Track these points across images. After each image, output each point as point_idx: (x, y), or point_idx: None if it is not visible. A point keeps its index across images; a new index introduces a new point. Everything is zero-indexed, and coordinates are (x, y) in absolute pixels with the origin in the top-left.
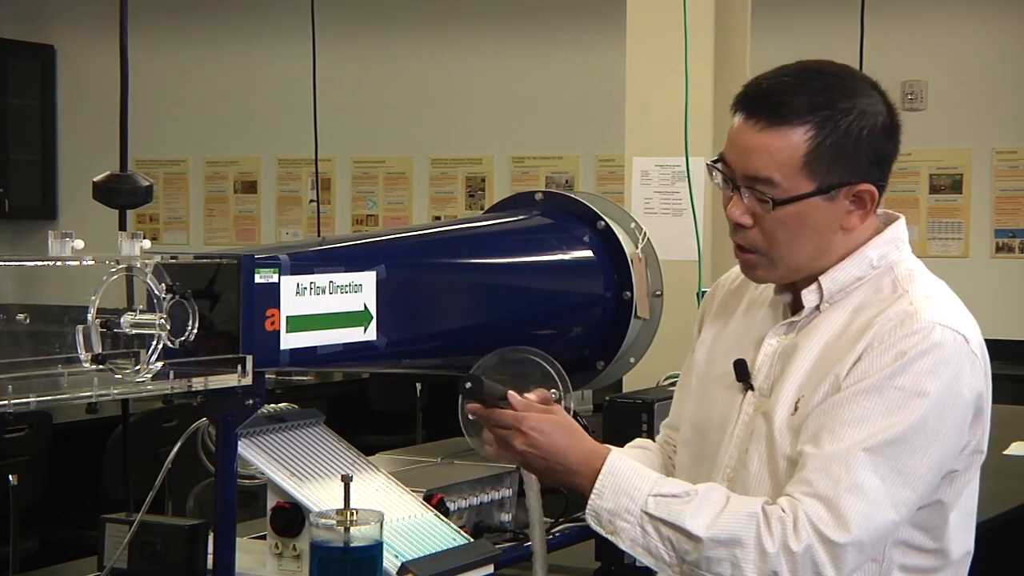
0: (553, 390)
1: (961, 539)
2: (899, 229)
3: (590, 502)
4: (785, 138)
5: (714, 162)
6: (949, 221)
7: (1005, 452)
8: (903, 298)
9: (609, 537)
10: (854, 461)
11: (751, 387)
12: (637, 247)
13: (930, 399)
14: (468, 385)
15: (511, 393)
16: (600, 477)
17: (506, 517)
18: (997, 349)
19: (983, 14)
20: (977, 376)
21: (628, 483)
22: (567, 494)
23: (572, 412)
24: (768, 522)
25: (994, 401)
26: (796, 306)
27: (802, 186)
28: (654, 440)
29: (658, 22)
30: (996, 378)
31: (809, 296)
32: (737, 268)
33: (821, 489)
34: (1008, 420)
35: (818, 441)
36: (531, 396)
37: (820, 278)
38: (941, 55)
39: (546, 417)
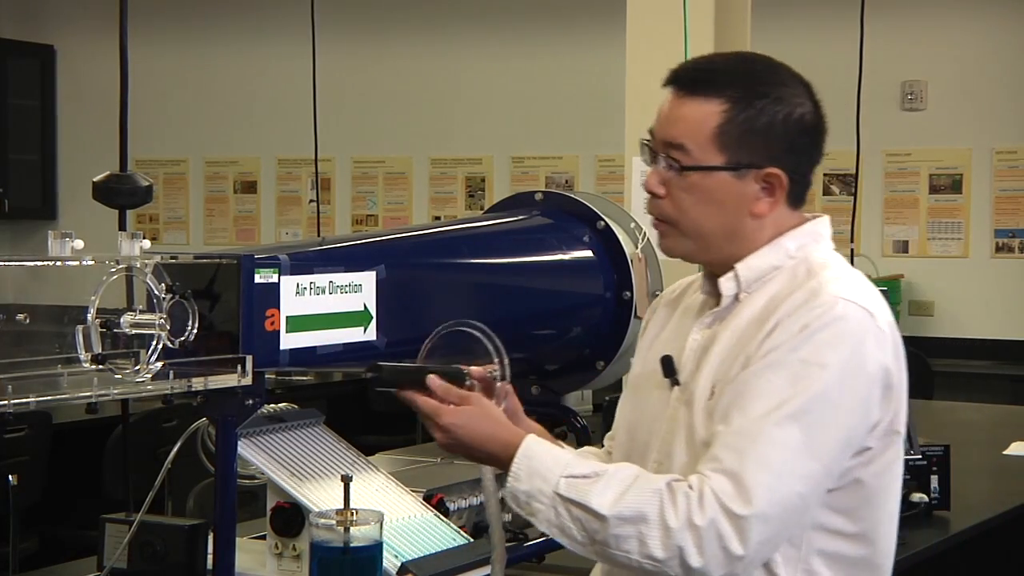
0: (492, 367)
1: (887, 529)
2: (820, 224)
3: (508, 485)
4: (700, 108)
5: (647, 140)
6: (949, 221)
7: (1005, 452)
8: (813, 279)
9: (529, 519)
10: (758, 434)
11: (677, 382)
12: (637, 247)
13: (831, 370)
14: (369, 374)
15: (430, 378)
16: (516, 460)
17: (506, 517)
18: (997, 349)
19: (983, 14)
20: (884, 351)
21: (542, 465)
22: None
23: (506, 380)
24: (673, 497)
25: (994, 402)
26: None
27: (711, 158)
28: None
29: (658, 22)
30: (994, 378)
31: (726, 284)
32: (680, 281)
33: (727, 464)
34: (1008, 420)
35: (728, 418)
36: (476, 370)
37: (736, 266)
38: (941, 55)
39: (462, 411)
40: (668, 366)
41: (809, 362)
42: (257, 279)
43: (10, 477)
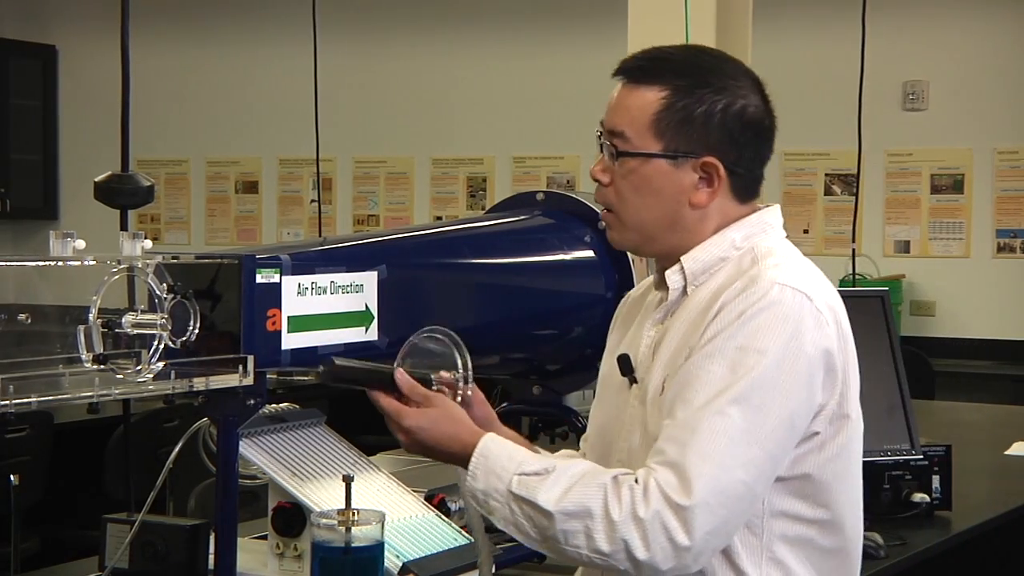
0: (453, 372)
1: (851, 513)
2: (767, 214)
3: (466, 484)
4: (641, 96)
5: (597, 131)
6: (950, 221)
7: (1006, 452)
8: (754, 267)
9: (489, 517)
10: (699, 424)
11: (635, 380)
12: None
13: (769, 355)
14: (320, 368)
15: (398, 373)
16: (473, 459)
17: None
18: (998, 349)
19: (984, 15)
20: (824, 334)
21: (497, 464)
22: None
23: (469, 384)
24: (618, 491)
25: (995, 402)
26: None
27: (648, 144)
28: None
29: (659, 23)
30: (995, 378)
31: (672, 277)
32: (644, 280)
33: (671, 455)
34: (1009, 420)
35: (672, 411)
36: (443, 375)
37: (682, 258)
38: (942, 55)
39: (424, 413)
40: (625, 364)
41: (746, 348)
42: (258, 279)
43: (11, 477)
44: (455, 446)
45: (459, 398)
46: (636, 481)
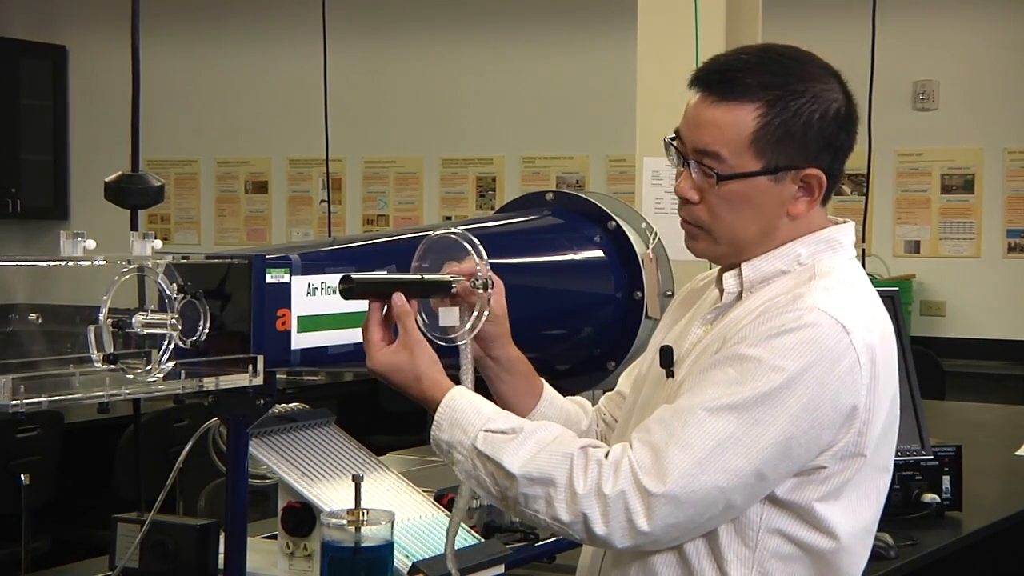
0: (474, 274)
1: (855, 548)
2: (840, 231)
3: (431, 433)
4: (734, 114)
5: (671, 139)
6: (961, 221)
7: (1017, 452)
8: (806, 285)
9: (451, 467)
10: (692, 418)
11: (672, 374)
12: (648, 247)
13: (785, 375)
14: (342, 286)
15: (395, 296)
16: (439, 410)
17: (516, 517)
18: (1009, 349)
19: (995, 14)
20: (852, 377)
21: (464, 417)
22: None
23: (490, 282)
24: (585, 463)
25: (1006, 402)
26: None
27: (749, 164)
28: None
29: (669, 22)
30: (1006, 379)
31: (729, 281)
32: (711, 272)
33: (655, 437)
34: (1020, 420)
35: (675, 400)
36: (461, 267)
37: (743, 264)
38: (953, 55)
39: (393, 361)
40: (666, 357)
41: (764, 361)
42: (268, 279)
43: (22, 476)
44: (418, 396)
45: (479, 286)
46: (607, 456)
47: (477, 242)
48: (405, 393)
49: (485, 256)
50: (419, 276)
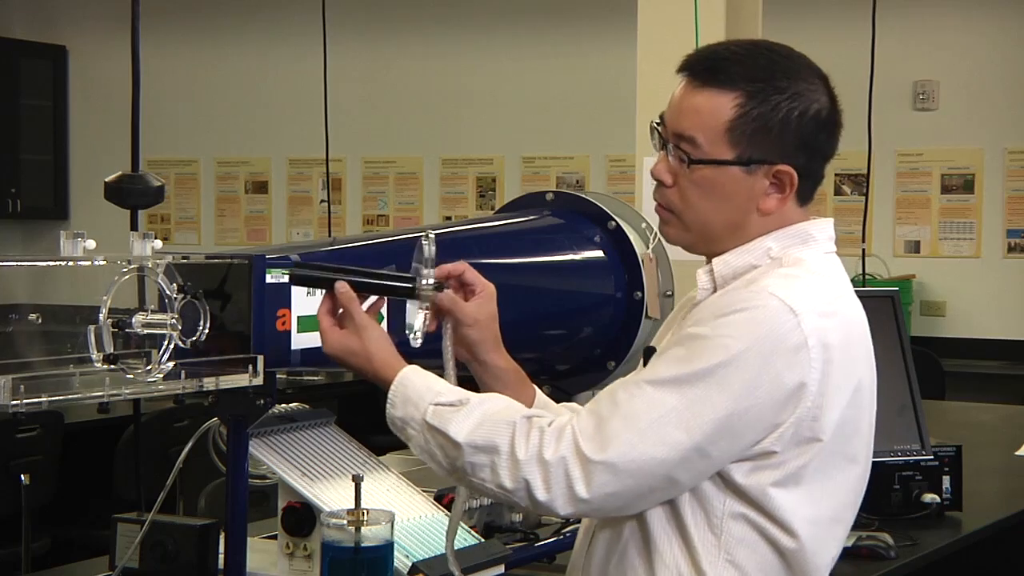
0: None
1: (818, 538)
2: (814, 226)
3: (386, 411)
4: (714, 101)
5: (656, 123)
6: (961, 221)
7: (1017, 452)
8: (767, 273)
9: (407, 443)
10: (638, 391)
11: None
12: (648, 247)
13: (728, 353)
14: (285, 274)
15: (337, 285)
16: (392, 388)
17: (517, 517)
18: (1009, 349)
19: (995, 15)
20: (799, 359)
21: (415, 393)
22: None
23: (441, 285)
24: (528, 431)
25: (1006, 402)
26: None
27: (722, 152)
28: None
29: (669, 22)
30: (1006, 379)
31: (702, 277)
32: None
33: (601, 407)
34: (1020, 420)
35: (628, 375)
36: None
37: (714, 261)
38: (953, 55)
39: (345, 344)
40: (648, 356)
41: (710, 339)
42: (268, 279)
43: (22, 476)
44: (373, 377)
45: (428, 288)
46: (550, 424)
47: (425, 245)
48: (363, 376)
49: (428, 259)
50: (367, 269)
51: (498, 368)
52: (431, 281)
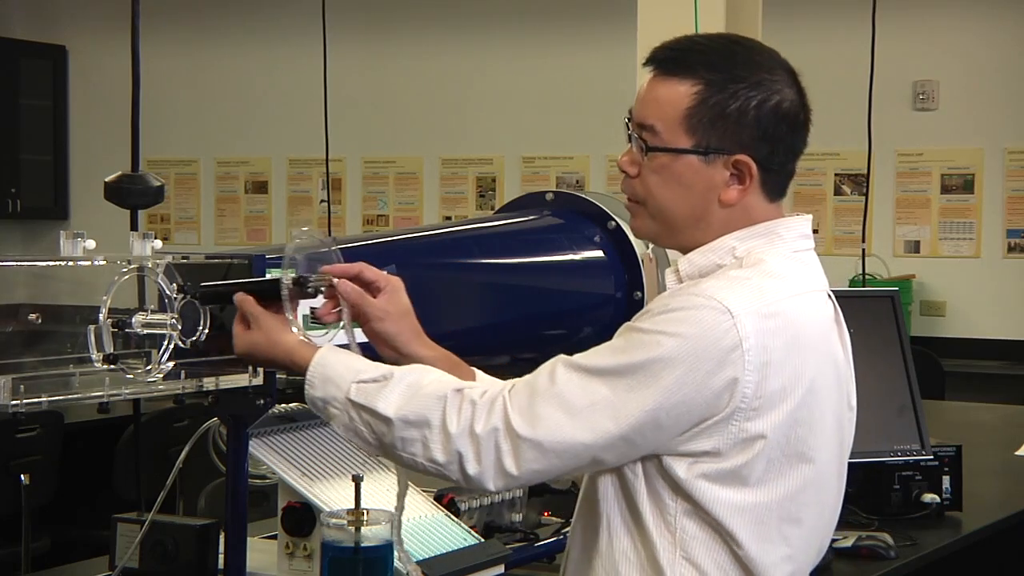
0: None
1: (767, 539)
2: (781, 224)
3: (305, 393)
4: (673, 89)
5: (627, 118)
6: (961, 221)
7: (1017, 452)
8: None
9: (329, 423)
10: (574, 375)
11: None
12: (648, 247)
13: (661, 348)
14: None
15: (236, 297)
16: (311, 368)
17: (517, 517)
18: (1009, 349)
19: (994, 14)
20: (731, 358)
21: (335, 373)
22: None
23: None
24: (459, 404)
25: (1006, 402)
26: None
27: (680, 140)
28: None
29: (668, 22)
30: (1006, 378)
31: (669, 278)
32: None
33: (538, 382)
34: (1020, 420)
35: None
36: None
37: (679, 260)
38: (952, 55)
39: (248, 336)
40: None
41: (647, 334)
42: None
43: (22, 476)
44: (284, 361)
45: (309, 289)
46: (482, 395)
47: (288, 249)
48: (275, 367)
49: (289, 258)
50: (254, 279)
51: (424, 358)
52: (309, 284)
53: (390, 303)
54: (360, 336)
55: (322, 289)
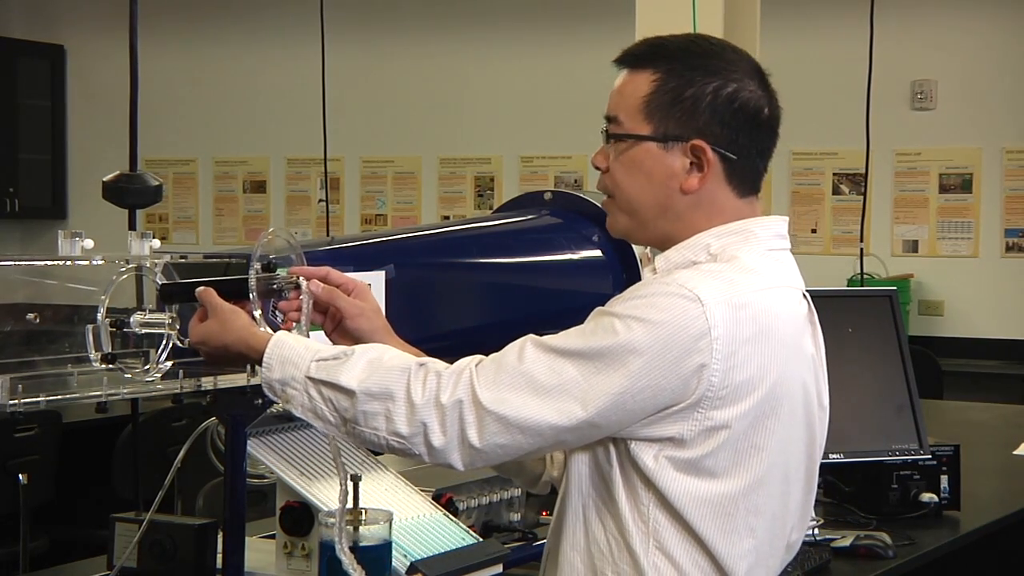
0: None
1: (731, 530)
2: (757, 223)
3: (261, 377)
4: (634, 81)
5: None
6: (959, 221)
7: (1015, 452)
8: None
9: (286, 407)
10: (545, 355)
11: None
12: (646, 247)
13: (631, 334)
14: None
15: (198, 291)
16: (267, 352)
17: (515, 517)
18: (1007, 349)
19: (993, 14)
20: (699, 347)
21: (293, 353)
22: None
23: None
24: (424, 376)
25: (1004, 402)
26: None
27: (639, 127)
28: None
29: (667, 22)
30: (1004, 378)
31: (646, 274)
32: None
33: (507, 357)
34: (1018, 420)
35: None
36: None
37: (656, 259)
38: (951, 55)
39: (204, 327)
40: None
41: (616, 318)
42: None
43: (20, 476)
44: (239, 348)
45: (277, 288)
46: (447, 369)
47: (257, 250)
48: (231, 357)
49: (258, 255)
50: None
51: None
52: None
53: (364, 301)
54: (319, 339)
55: (287, 291)
